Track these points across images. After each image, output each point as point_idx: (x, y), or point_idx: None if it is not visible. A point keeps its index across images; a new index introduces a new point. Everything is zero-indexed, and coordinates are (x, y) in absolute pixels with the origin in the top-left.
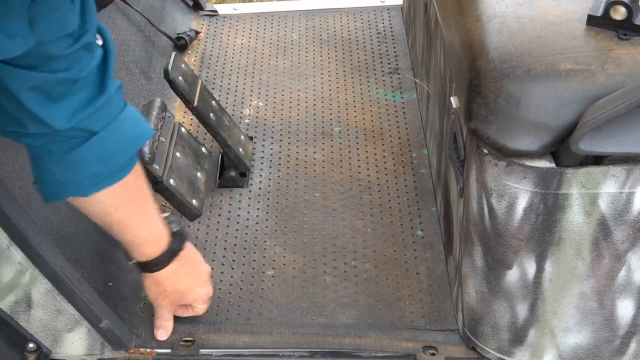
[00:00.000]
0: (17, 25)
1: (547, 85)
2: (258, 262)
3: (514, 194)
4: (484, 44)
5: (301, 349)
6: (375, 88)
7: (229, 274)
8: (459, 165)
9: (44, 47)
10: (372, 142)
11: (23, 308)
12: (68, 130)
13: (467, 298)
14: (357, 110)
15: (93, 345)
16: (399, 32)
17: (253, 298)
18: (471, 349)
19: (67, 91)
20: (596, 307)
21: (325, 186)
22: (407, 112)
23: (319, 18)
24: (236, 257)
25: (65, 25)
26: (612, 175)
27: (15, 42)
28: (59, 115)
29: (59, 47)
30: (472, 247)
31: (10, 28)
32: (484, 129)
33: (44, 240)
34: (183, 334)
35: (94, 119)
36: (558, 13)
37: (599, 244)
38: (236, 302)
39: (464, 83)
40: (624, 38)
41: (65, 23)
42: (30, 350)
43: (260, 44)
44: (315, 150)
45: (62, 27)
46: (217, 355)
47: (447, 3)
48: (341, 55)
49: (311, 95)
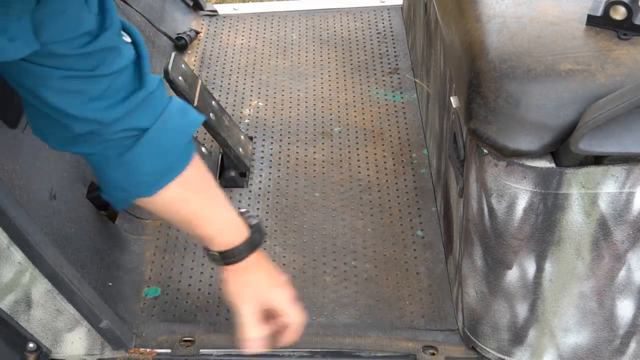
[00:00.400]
0: (19, 29)
1: (547, 86)
2: None
3: (513, 194)
4: (484, 44)
5: (301, 349)
6: (375, 88)
7: None
8: (459, 165)
9: (55, 47)
10: (372, 142)
11: (23, 308)
12: (118, 131)
13: (467, 298)
14: (357, 110)
15: (93, 345)
16: (399, 32)
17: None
18: (471, 349)
19: (103, 88)
20: (596, 307)
21: (325, 186)
22: (407, 112)
23: (319, 18)
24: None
25: (78, 26)
26: (612, 175)
27: (15, 45)
28: (99, 110)
29: (72, 47)
30: (472, 247)
31: (11, 31)
32: (484, 129)
33: (44, 240)
34: (183, 334)
35: (140, 114)
36: (558, 13)
37: (598, 244)
38: None
39: (464, 83)
40: (623, 38)
41: (77, 23)
42: (30, 350)
43: (260, 44)
44: (315, 150)
45: (73, 27)
46: (217, 356)
47: (447, 3)
48: (341, 55)
49: (311, 95)
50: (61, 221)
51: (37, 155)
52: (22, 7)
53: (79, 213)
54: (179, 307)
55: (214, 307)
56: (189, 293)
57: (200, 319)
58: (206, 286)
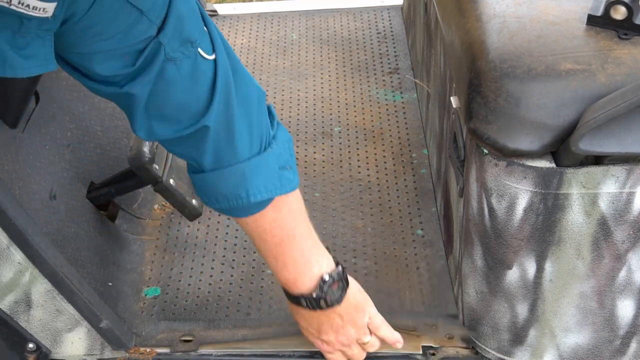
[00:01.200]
0: (37, 47)
1: (547, 85)
2: (258, 262)
3: (514, 194)
4: (484, 44)
5: (301, 349)
6: (376, 88)
7: (229, 273)
8: (459, 165)
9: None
10: (372, 142)
11: (23, 308)
12: None
13: (467, 298)
14: (357, 110)
15: (93, 345)
16: (399, 32)
17: (253, 295)
18: (471, 348)
19: None
20: (596, 307)
21: (325, 186)
22: (407, 112)
23: (319, 18)
24: (236, 256)
25: (124, 40)
26: (612, 175)
27: (30, 63)
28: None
29: (114, 66)
30: (472, 247)
31: (28, 48)
32: (484, 129)
33: (43, 240)
34: (183, 333)
35: None
36: (558, 13)
37: (599, 244)
38: (236, 299)
39: (464, 83)
40: (624, 38)
41: (126, 39)
42: (30, 350)
43: (260, 44)
44: (315, 150)
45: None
46: (217, 355)
47: (447, 3)
48: (341, 55)
49: (311, 95)
50: (61, 221)
51: (37, 155)
52: (38, 26)
53: (79, 213)
54: (179, 306)
55: (213, 306)
56: (189, 292)
57: (200, 318)
58: (206, 285)
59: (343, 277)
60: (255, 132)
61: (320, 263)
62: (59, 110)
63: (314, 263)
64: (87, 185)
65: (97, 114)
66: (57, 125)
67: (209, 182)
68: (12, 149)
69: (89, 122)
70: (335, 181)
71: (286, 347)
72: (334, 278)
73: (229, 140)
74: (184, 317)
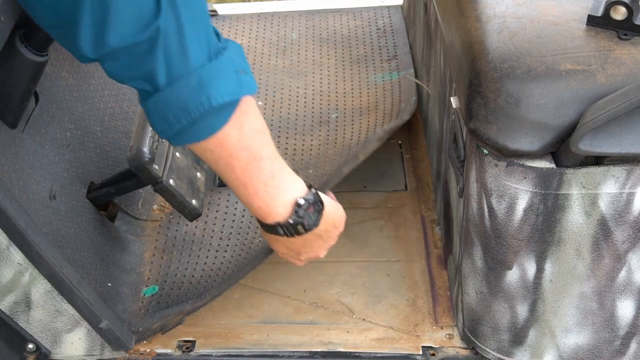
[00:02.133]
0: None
1: (547, 85)
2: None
3: (514, 194)
4: (484, 44)
5: (301, 349)
6: (374, 74)
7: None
8: (459, 166)
9: None
10: (367, 115)
11: (22, 308)
12: None
13: (467, 298)
14: (355, 96)
15: (93, 346)
16: (398, 27)
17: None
18: (471, 349)
19: None
20: (596, 308)
21: (319, 161)
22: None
23: (318, 18)
24: (235, 255)
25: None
26: (612, 175)
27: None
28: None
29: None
30: (472, 247)
31: None
32: (484, 129)
33: (43, 241)
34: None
35: None
36: (558, 13)
37: (599, 244)
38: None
39: (464, 83)
40: (624, 38)
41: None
42: (30, 350)
43: (260, 43)
44: (312, 137)
45: None
46: (217, 356)
47: (447, 3)
48: (340, 51)
49: (310, 91)
50: (61, 221)
51: (36, 155)
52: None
53: (79, 213)
54: (173, 297)
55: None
56: (183, 283)
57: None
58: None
59: (318, 199)
60: (204, 36)
61: (293, 187)
62: (59, 111)
63: (286, 187)
64: (87, 185)
65: (96, 114)
66: (57, 125)
67: (166, 101)
68: (12, 149)
69: (88, 123)
70: (328, 156)
71: (286, 347)
72: (309, 201)
73: (180, 44)
74: (178, 302)
